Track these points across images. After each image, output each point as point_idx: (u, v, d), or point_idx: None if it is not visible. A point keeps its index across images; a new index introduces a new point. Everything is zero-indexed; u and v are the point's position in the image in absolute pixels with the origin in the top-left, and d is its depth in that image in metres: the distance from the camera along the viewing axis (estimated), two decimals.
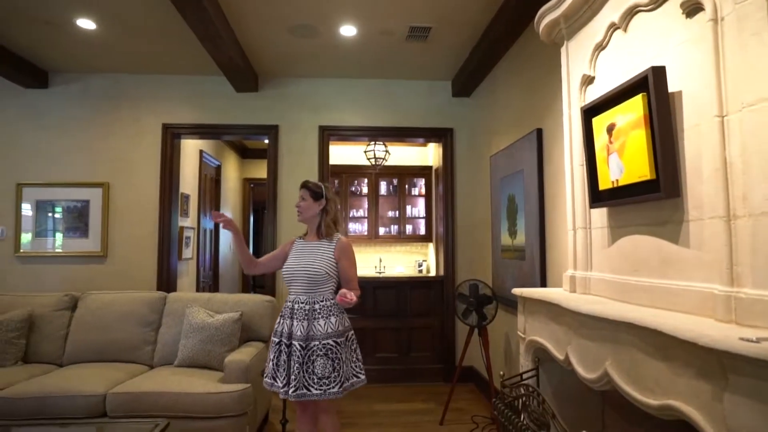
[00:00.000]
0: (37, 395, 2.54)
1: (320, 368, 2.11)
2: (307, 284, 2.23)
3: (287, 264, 2.33)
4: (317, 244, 2.32)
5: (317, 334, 2.16)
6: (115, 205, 4.17)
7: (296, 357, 2.14)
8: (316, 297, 2.22)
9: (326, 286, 2.25)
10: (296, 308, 2.21)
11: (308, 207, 2.33)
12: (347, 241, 2.36)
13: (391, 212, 6.13)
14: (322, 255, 2.27)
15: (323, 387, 2.11)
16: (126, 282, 4.08)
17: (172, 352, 3.06)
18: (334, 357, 2.14)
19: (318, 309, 2.20)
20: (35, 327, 3.14)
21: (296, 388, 2.11)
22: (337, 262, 2.28)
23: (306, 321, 2.17)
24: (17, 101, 4.20)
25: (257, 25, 3.33)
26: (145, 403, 2.54)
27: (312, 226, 2.37)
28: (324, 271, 2.23)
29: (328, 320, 2.19)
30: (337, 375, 2.13)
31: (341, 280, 2.32)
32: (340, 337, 2.19)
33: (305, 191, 2.34)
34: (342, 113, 4.40)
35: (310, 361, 2.13)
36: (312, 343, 2.15)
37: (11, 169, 4.15)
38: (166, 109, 4.26)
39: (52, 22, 3.29)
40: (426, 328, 4.44)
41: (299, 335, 2.16)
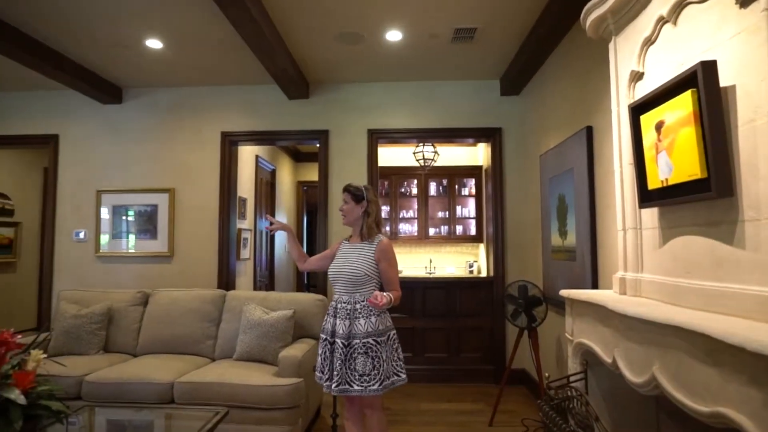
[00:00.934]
0: (117, 381, 2.82)
1: (361, 365, 2.19)
2: (348, 285, 2.30)
3: (332, 265, 2.41)
4: (359, 245, 2.39)
5: (358, 333, 2.22)
6: (180, 209, 4.49)
7: (339, 354, 2.23)
8: (357, 297, 2.28)
9: (367, 287, 2.30)
10: (339, 307, 2.30)
11: (351, 210, 2.39)
12: (387, 243, 2.39)
13: (440, 213, 6.13)
14: (363, 256, 2.33)
15: (364, 384, 2.18)
16: (190, 280, 4.39)
17: (232, 347, 3.26)
18: (374, 355, 2.20)
19: (359, 309, 2.26)
20: (113, 320, 3.46)
21: (338, 383, 2.20)
22: (377, 263, 2.33)
23: (348, 320, 2.25)
24: (96, 116, 4.63)
25: (306, 35, 3.48)
26: (207, 392, 2.74)
27: (356, 228, 2.44)
28: (363, 272, 2.29)
29: (369, 320, 2.25)
30: (377, 373, 2.19)
31: (382, 281, 2.36)
32: (380, 336, 2.24)
33: (347, 194, 2.41)
34: (390, 116, 4.48)
35: (352, 358, 2.21)
36: (353, 341, 2.22)
37: (92, 178, 4.58)
38: (224, 118, 4.53)
39: (125, 44, 3.61)
40: (476, 329, 4.42)
41: (341, 333, 2.24)
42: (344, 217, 2.43)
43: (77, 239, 4.57)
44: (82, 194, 4.59)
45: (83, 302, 3.53)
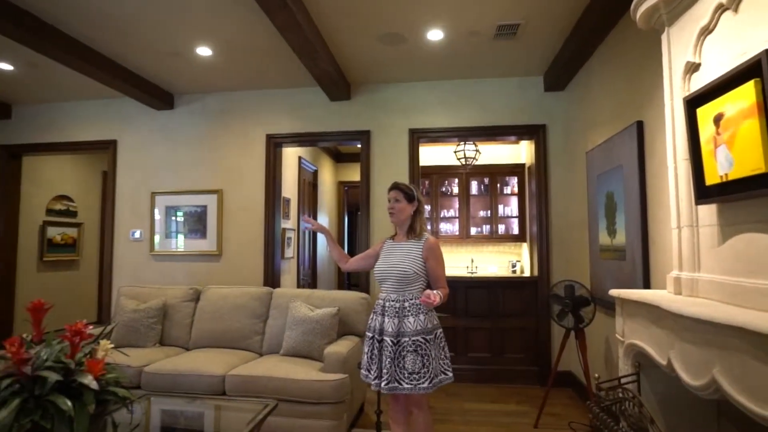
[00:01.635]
0: (172, 373, 2.98)
1: (410, 364, 2.20)
2: (396, 283, 2.32)
3: (378, 264, 2.43)
4: (406, 244, 2.40)
5: (407, 331, 2.24)
6: (227, 210, 4.67)
7: (388, 352, 2.24)
8: (405, 295, 2.30)
9: (415, 285, 2.32)
10: (387, 306, 2.31)
11: (403, 209, 2.39)
12: (435, 241, 2.40)
13: (482, 212, 6.07)
14: (411, 255, 2.34)
15: (413, 382, 2.19)
16: (237, 278, 4.55)
17: (278, 342, 3.37)
18: (423, 353, 2.21)
19: (408, 307, 2.28)
20: (168, 315, 3.65)
21: (388, 381, 2.21)
22: (425, 261, 2.34)
23: (397, 318, 2.27)
24: (150, 121, 4.89)
25: (348, 38, 3.54)
26: (256, 385, 2.85)
27: (403, 227, 2.44)
28: (412, 270, 2.30)
29: (418, 318, 2.26)
30: (426, 371, 2.20)
31: (429, 279, 2.38)
32: (428, 334, 2.25)
33: (398, 193, 2.40)
34: (431, 115, 4.47)
35: (401, 356, 2.22)
36: (402, 339, 2.24)
37: (147, 180, 4.84)
38: (269, 121, 4.67)
39: (177, 52, 3.80)
40: (520, 329, 4.35)
41: (390, 331, 2.26)
42: (393, 216, 2.42)
43: (133, 239, 4.84)
44: (138, 196, 4.85)
45: (141, 298, 3.75)
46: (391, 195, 2.43)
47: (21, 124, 5.19)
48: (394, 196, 2.41)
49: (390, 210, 2.41)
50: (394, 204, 2.40)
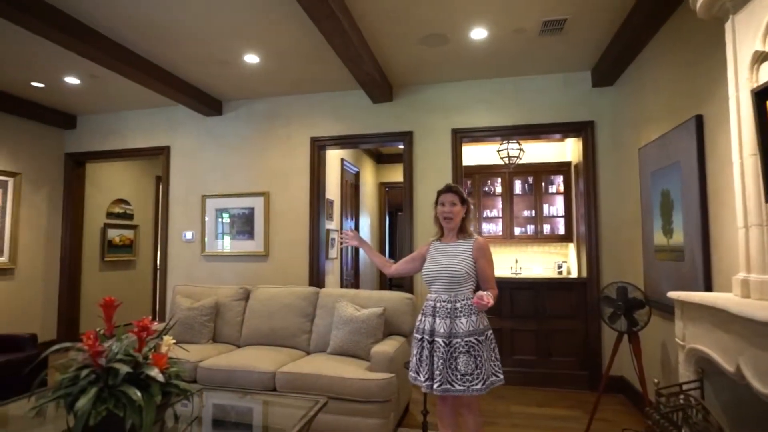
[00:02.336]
0: (226, 368, 3.10)
1: (463, 365, 2.18)
2: (448, 284, 2.30)
3: (427, 265, 2.42)
4: (455, 245, 2.38)
5: (459, 332, 2.22)
6: (274, 211, 4.80)
7: (440, 353, 2.22)
8: (457, 296, 2.28)
9: (466, 286, 2.31)
10: (438, 307, 2.30)
11: (459, 211, 2.37)
12: (484, 241, 2.39)
13: (526, 211, 5.95)
14: (461, 255, 2.33)
15: (466, 383, 2.17)
16: (283, 278, 4.67)
17: (325, 341, 3.43)
18: (476, 354, 2.20)
19: (459, 308, 2.26)
20: (220, 313, 3.80)
21: (440, 383, 2.19)
22: (475, 261, 2.33)
23: (448, 319, 2.25)
24: (200, 127, 5.10)
25: (391, 41, 3.56)
26: (306, 382, 2.91)
27: (453, 229, 2.41)
28: (464, 271, 2.29)
29: (470, 318, 2.24)
30: (479, 372, 2.18)
31: (479, 280, 2.36)
32: (480, 335, 2.23)
33: (454, 196, 2.37)
34: (473, 115, 4.44)
35: (453, 357, 2.21)
36: (454, 341, 2.22)
37: (198, 184, 5.05)
38: (313, 124, 4.77)
39: (226, 61, 3.95)
40: (567, 331, 4.23)
41: (442, 332, 2.24)
42: (451, 220, 2.37)
43: (186, 240, 5.06)
44: (190, 199, 5.07)
45: (194, 296, 3.91)
46: (447, 198, 2.38)
47: (85, 133, 5.54)
48: (450, 200, 2.38)
49: (447, 215, 2.37)
50: (451, 208, 2.37)
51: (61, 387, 1.80)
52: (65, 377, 1.82)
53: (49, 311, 5.44)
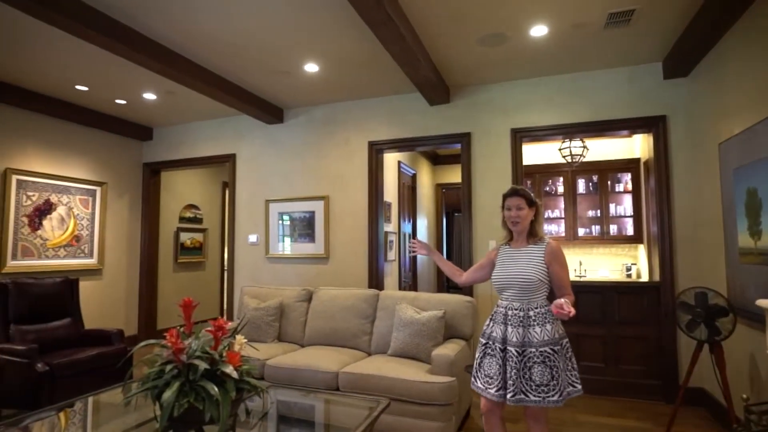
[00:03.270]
0: (291, 367, 3.22)
1: (538, 376, 2.10)
2: (520, 291, 2.22)
3: (497, 271, 2.33)
4: (526, 249, 2.29)
5: (534, 341, 2.14)
6: (333, 215, 4.93)
7: (513, 363, 2.14)
8: (530, 304, 2.20)
9: (539, 293, 2.21)
10: (510, 314, 2.22)
11: (526, 215, 2.27)
12: (557, 245, 2.27)
13: (591, 211, 5.70)
14: (533, 261, 2.24)
15: (542, 394, 2.08)
16: (343, 279, 4.78)
17: (385, 342, 3.48)
18: (552, 365, 2.10)
19: (533, 316, 2.17)
20: (284, 314, 3.95)
21: (514, 393, 2.12)
22: (548, 266, 2.23)
23: (521, 328, 2.17)
24: (263, 135, 5.33)
25: (448, 42, 3.55)
26: (368, 383, 2.97)
27: (522, 233, 2.32)
28: (537, 278, 2.19)
29: (544, 327, 2.15)
30: (556, 383, 2.08)
31: (553, 286, 2.25)
32: (556, 344, 2.13)
33: (520, 199, 2.27)
34: (534, 114, 4.32)
35: (527, 367, 2.12)
36: (528, 350, 2.14)
37: (261, 189, 5.28)
38: (370, 128, 4.84)
39: (288, 71, 4.11)
40: (638, 338, 4.01)
41: (515, 341, 2.16)
42: (518, 224, 2.28)
43: (251, 243, 5.31)
44: (254, 204, 5.32)
45: (260, 297, 4.10)
46: (513, 202, 2.28)
47: (160, 144, 5.97)
48: (516, 204, 2.27)
49: (514, 219, 2.27)
50: (517, 212, 2.26)
51: (148, 380, 1.96)
52: (152, 371, 1.98)
53: (130, 308, 5.91)
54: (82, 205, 5.37)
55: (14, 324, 3.59)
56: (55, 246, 5.06)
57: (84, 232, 5.37)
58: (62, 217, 5.15)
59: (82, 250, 5.34)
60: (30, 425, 2.28)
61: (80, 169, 5.34)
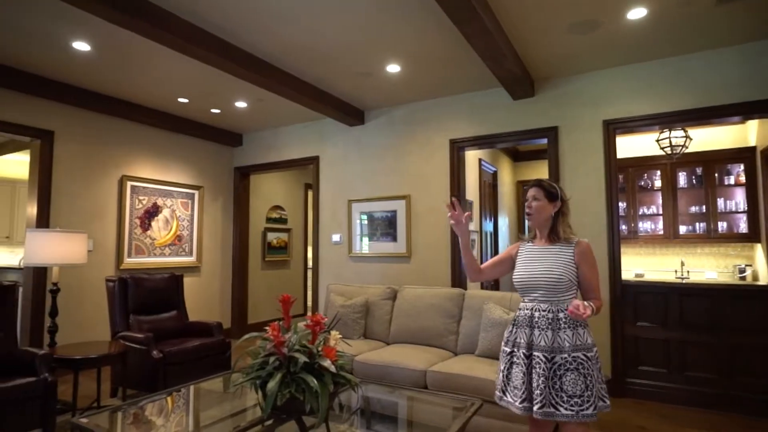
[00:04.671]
0: (379, 364, 3.28)
1: (570, 385, 1.91)
2: (548, 292, 2.05)
3: (519, 271, 2.17)
4: (553, 248, 2.13)
5: (565, 346, 1.97)
6: (415, 214, 4.94)
7: (540, 370, 1.96)
8: (559, 306, 2.03)
9: (569, 294, 2.05)
10: (537, 316, 2.05)
11: (542, 208, 2.13)
12: (588, 245, 2.11)
13: (694, 207, 5.20)
14: (562, 260, 2.08)
15: (575, 408, 1.88)
16: (425, 278, 4.77)
17: (472, 342, 3.42)
18: (586, 373, 1.91)
19: (563, 318, 2.01)
20: (369, 311, 4.03)
21: (542, 405, 1.91)
22: (577, 267, 2.08)
23: (550, 331, 2.00)
24: (345, 137, 5.48)
25: (535, 33, 3.42)
26: (456, 383, 2.94)
27: (543, 230, 2.18)
28: (566, 277, 2.04)
29: (576, 331, 1.99)
30: (590, 394, 1.89)
31: (581, 288, 2.10)
32: (588, 351, 1.96)
33: (538, 190, 2.15)
34: (628, 103, 4.03)
35: (557, 376, 1.94)
36: (558, 356, 1.96)
37: (344, 190, 5.43)
38: (451, 126, 4.80)
39: (370, 73, 4.18)
40: (757, 348, 3.58)
41: (543, 345, 1.99)
42: (530, 216, 2.17)
43: (334, 242, 5.48)
44: (337, 204, 5.48)
45: (346, 294, 4.21)
46: (530, 193, 2.18)
47: (249, 149, 6.36)
48: (532, 195, 2.17)
49: (527, 210, 2.18)
50: (532, 203, 2.15)
51: (253, 370, 2.09)
52: (256, 362, 2.10)
53: (224, 303, 6.35)
54: (183, 208, 5.86)
55: (133, 314, 4.01)
56: (161, 245, 5.57)
57: (185, 233, 5.86)
58: (167, 219, 5.66)
59: (183, 249, 5.83)
60: (152, 405, 2.54)
61: (181, 175, 5.84)
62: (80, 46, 3.62)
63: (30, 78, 4.22)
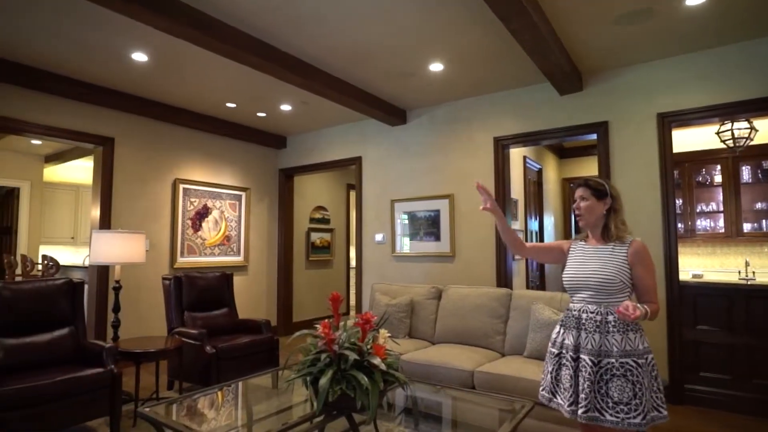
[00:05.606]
0: (425, 363, 3.27)
1: (617, 391, 1.85)
2: (597, 293, 1.99)
3: (569, 269, 2.12)
4: (605, 247, 2.06)
5: (612, 351, 1.90)
6: (459, 213, 4.90)
7: (586, 374, 1.91)
8: (609, 308, 1.96)
9: (620, 296, 1.97)
10: (585, 318, 1.99)
11: (591, 208, 2.07)
12: (643, 245, 2.01)
13: (759, 203, 4.88)
14: (614, 260, 2.00)
15: (620, 415, 1.82)
16: (469, 278, 4.72)
17: (520, 343, 3.36)
18: (635, 380, 1.84)
19: (612, 321, 1.93)
20: (414, 311, 4.03)
21: (586, 409, 1.87)
22: (631, 268, 1.98)
23: (597, 334, 1.94)
24: (387, 137, 5.50)
25: (584, 25, 3.31)
26: (505, 384, 2.89)
27: (596, 229, 2.11)
28: (618, 279, 1.95)
29: (626, 336, 1.90)
30: (639, 402, 1.82)
31: (636, 291, 2.01)
32: (640, 357, 1.88)
33: (585, 190, 2.08)
34: (684, 95, 3.83)
35: (603, 380, 1.88)
36: (606, 361, 1.90)
37: (387, 189, 5.46)
38: (495, 124, 4.72)
39: (413, 72, 4.18)
40: None
41: (590, 348, 1.93)
42: (581, 217, 2.11)
43: (377, 242, 5.51)
44: (380, 204, 5.51)
45: (390, 294, 4.23)
46: (578, 193, 2.12)
47: (292, 151, 6.51)
48: (580, 195, 2.10)
49: (576, 211, 2.12)
50: (581, 203, 2.09)
51: (304, 366, 2.14)
52: (307, 359, 2.15)
53: (270, 301, 6.52)
54: (231, 209, 6.07)
55: (187, 311, 4.19)
56: (211, 245, 5.79)
57: (233, 233, 6.06)
58: (216, 220, 5.87)
59: (231, 249, 6.03)
60: (208, 398, 2.64)
61: (229, 177, 6.04)
62: (138, 57, 3.82)
63: (92, 88, 4.49)
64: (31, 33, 3.44)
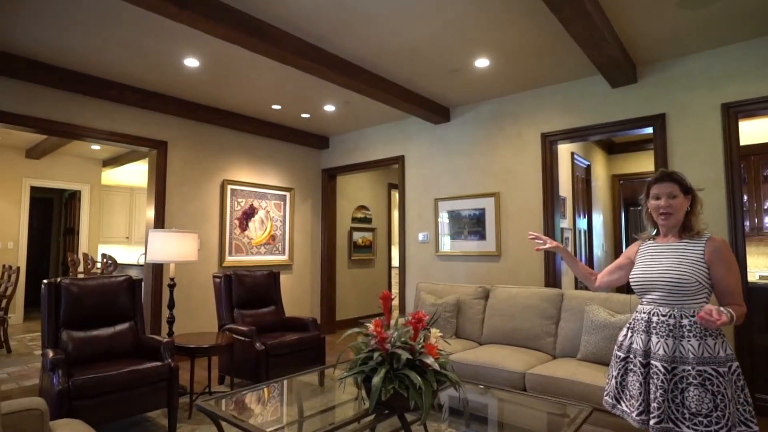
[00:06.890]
0: (474, 364, 3.22)
1: (695, 402, 1.70)
2: (669, 294, 1.83)
3: (638, 270, 1.96)
4: (678, 245, 1.90)
5: (688, 357, 1.75)
6: (505, 211, 4.79)
7: (658, 381, 1.77)
8: (683, 311, 1.80)
9: (697, 298, 1.80)
10: (655, 321, 1.84)
11: (681, 205, 1.89)
12: (723, 241, 1.85)
13: None
14: (688, 258, 1.83)
15: (699, 428, 1.68)
16: (516, 278, 4.61)
17: (573, 346, 3.24)
18: (715, 390, 1.69)
19: (687, 325, 1.77)
20: (461, 310, 3.97)
21: (659, 419, 1.74)
22: (708, 266, 1.81)
23: (670, 339, 1.79)
24: (430, 135, 5.46)
25: (638, 13, 3.15)
26: (559, 387, 2.80)
27: (672, 228, 1.95)
28: (694, 278, 1.78)
29: (704, 342, 1.74)
30: (721, 415, 1.66)
31: (716, 292, 1.84)
32: (721, 366, 1.71)
33: (674, 185, 1.89)
34: (752, 83, 3.57)
35: (678, 389, 1.75)
36: (681, 368, 1.75)
37: (430, 188, 5.41)
38: (543, 120, 4.58)
39: (457, 69, 4.12)
40: None
41: (662, 354, 1.79)
42: (669, 216, 1.90)
43: (421, 241, 5.47)
44: (423, 203, 5.47)
45: (435, 293, 4.19)
46: (664, 189, 1.90)
47: (335, 151, 6.57)
48: (668, 191, 1.89)
49: (665, 209, 1.89)
50: (670, 201, 1.88)
51: (356, 365, 2.14)
52: (359, 357, 2.15)
53: (314, 299, 6.61)
54: (276, 209, 6.19)
55: (236, 308, 4.30)
56: (257, 244, 5.93)
57: (278, 232, 6.19)
58: (262, 220, 6.01)
59: (276, 248, 6.16)
60: (259, 393, 2.70)
61: (274, 178, 6.17)
62: (190, 62, 3.96)
63: (148, 94, 4.70)
64: (104, 46, 3.64)
